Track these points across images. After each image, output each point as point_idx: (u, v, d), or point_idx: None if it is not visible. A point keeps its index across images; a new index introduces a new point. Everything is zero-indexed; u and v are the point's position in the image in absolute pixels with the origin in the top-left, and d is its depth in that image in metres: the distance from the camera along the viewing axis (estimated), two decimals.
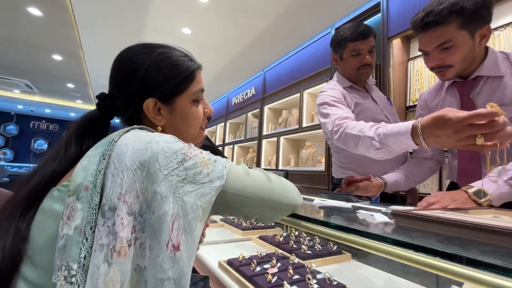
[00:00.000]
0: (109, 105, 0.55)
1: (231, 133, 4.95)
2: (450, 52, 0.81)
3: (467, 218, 0.45)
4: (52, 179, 0.45)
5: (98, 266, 0.35)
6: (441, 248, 0.36)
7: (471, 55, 0.82)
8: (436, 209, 0.61)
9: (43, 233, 0.40)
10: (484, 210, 0.62)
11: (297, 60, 3.31)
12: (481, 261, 0.32)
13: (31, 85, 5.81)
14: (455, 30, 0.78)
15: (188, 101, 0.58)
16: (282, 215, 0.55)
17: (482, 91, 0.85)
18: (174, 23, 2.92)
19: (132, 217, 0.38)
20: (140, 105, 0.54)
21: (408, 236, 0.43)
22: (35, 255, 0.38)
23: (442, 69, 0.85)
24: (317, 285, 0.82)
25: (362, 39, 1.08)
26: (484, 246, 0.38)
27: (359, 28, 1.10)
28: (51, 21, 3.12)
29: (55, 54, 4.09)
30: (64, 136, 0.51)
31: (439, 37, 0.80)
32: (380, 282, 0.94)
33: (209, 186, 0.43)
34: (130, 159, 0.40)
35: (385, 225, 0.53)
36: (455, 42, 0.79)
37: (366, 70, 1.12)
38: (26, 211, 0.42)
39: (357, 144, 0.85)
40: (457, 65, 0.83)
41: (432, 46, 0.82)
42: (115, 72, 0.56)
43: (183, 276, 0.38)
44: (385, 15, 2.20)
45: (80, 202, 0.38)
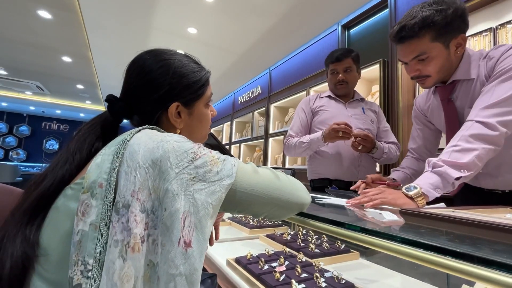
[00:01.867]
0: (123, 108, 0.56)
1: (237, 131, 4.95)
2: (426, 63, 0.84)
3: (477, 217, 0.45)
4: (63, 182, 0.45)
5: (114, 261, 0.36)
6: (451, 246, 0.35)
7: (447, 64, 0.85)
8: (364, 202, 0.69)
9: (57, 230, 0.40)
10: (499, 209, 0.61)
11: (303, 58, 3.29)
12: (493, 260, 0.31)
13: (42, 86, 5.94)
14: (428, 43, 0.81)
15: (203, 105, 0.62)
16: (291, 213, 0.55)
17: (460, 94, 0.89)
18: (180, 23, 2.94)
19: (144, 214, 0.39)
20: (164, 109, 0.56)
21: (417, 234, 0.42)
22: (50, 254, 0.39)
23: (421, 78, 0.88)
24: (325, 283, 0.82)
25: (337, 61, 1.42)
26: (496, 245, 0.37)
27: (336, 52, 1.45)
28: (60, 24, 3.18)
29: (65, 56, 4.17)
30: (74, 139, 0.51)
31: (414, 50, 0.83)
32: (389, 281, 0.94)
33: (219, 184, 0.44)
34: (143, 158, 0.41)
35: (393, 224, 0.53)
36: (430, 54, 0.82)
37: (340, 86, 1.45)
38: (34, 216, 0.42)
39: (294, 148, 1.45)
40: (434, 75, 0.86)
41: (409, 58, 0.86)
42: (136, 78, 0.56)
43: (194, 272, 0.39)
44: (392, 11, 2.16)
45: (94, 199, 0.39)
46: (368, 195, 0.72)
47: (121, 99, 0.57)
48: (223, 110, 5.73)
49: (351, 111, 1.46)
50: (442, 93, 0.94)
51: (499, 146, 0.73)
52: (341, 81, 1.43)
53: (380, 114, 1.54)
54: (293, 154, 1.52)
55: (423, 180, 0.71)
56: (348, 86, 1.45)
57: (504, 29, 1.53)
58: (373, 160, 1.48)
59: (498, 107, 0.72)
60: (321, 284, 0.81)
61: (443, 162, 0.71)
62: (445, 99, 0.93)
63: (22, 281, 0.39)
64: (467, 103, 0.87)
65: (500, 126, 0.71)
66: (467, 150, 0.71)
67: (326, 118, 1.44)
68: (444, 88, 0.92)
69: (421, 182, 0.70)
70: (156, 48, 0.60)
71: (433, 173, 0.71)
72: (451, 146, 0.73)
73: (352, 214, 0.67)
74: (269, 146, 3.76)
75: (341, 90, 1.46)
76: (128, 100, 0.56)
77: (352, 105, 1.49)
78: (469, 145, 0.71)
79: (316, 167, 1.50)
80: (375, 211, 0.64)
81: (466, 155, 0.70)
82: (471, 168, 0.70)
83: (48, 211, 0.43)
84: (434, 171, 0.71)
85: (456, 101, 0.90)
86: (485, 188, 0.93)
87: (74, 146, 0.50)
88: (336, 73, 1.44)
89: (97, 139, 0.52)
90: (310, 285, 0.82)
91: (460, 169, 0.69)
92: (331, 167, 1.43)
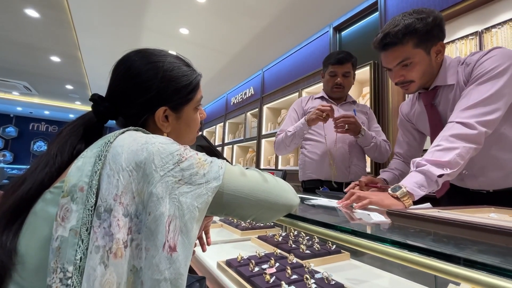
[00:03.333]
0: (108, 109, 0.54)
1: (230, 133, 4.94)
2: (410, 69, 0.87)
3: (462, 217, 0.45)
4: (42, 186, 0.43)
5: (95, 268, 0.35)
6: (436, 248, 0.35)
7: (429, 70, 0.89)
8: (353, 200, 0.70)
9: (35, 236, 0.39)
10: (483, 208, 0.62)
11: (295, 60, 3.31)
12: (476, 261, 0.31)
13: (29, 87, 5.80)
14: (411, 49, 0.85)
15: (192, 109, 0.60)
16: (279, 215, 0.55)
17: (442, 99, 0.93)
18: (172, 24, 2.91)
19: (128, 218, 0.38)
20: (151, 113, 0.54)
21: (403, 235, 0.42)
22: (27, 261, 0.38)
23: (405, 84, 0.91)
24: (315, 285, 0.82)
25: (339, 64, 1.40)
26: (479, 245, 0.38)
27: (338, 55, 1.42)
28: (48, 23, 3.12)
29: (53, 56, 4.09)
30: (55, 141, 0.49)
31: (397, 56, 0.87)
32: (379, 281, 0.94)
33: (205, 186, 0.43)
34: (126, 160, 0.40)
35: (381, 225, 0.53)
36: (413, 59, 0.86)
37: (337, 89, 1.45)
38: (11, 222, 0.40)
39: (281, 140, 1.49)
40: (418, 80, 0.89)
41: (393, 64, 0.89)
42: (123, 79, 0.54)
43: (179, 277, 0.38)
44: (382, 14, 2.19)
45: (75, 203, 0.37)
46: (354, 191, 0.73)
47: (106, 99, 0.55)
48: (215, 111, 5.71)
49: (343, 112, 1.46)
50: (425, 99, 0.97)
51: (480, 144, 0.75)
52: (338, 85, 1.43)
53: (371, 115, 1.56)
54: (282, 149, 1.49)
55: (408, 179, 0.73)
56: (344, 91, 1.46)
57: (489, 33, 1.57)
58: (364, 160, 1.49)
59: (476, 108, 0.76)
60: (311, 286, 0.81)
61: (426, 161, 0.73)
62: (428, 104, 0.96)
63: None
64: (449, 107, 0.90)
65: (479, 125, 0.74)
66: (448, 149, 0.73)
67: None
68: (427, 93, 0.96)
69: (406, 181, 0.72)
70: (146, 48, 0.58)
71: (417, 172, 0.73)
72: (434, 146, 0.76)
73: (341, 216, 0.67)
74: (262, 147, 3.76)
75: (336, 94, 1.48)
76: (113, 101, 0.54)
77: (344, 107, 1.51)
78: (450, 145, 0.74)
79: (307, 168, 1.51)
80: (364, 212, 0.64)
81: (448, 154, 0.72)
82: (453, 166, 0.72)
83: (26, 216, 0.41)
84: (418, 170, 0.73)
85: (439, 106, 0.94)
86: (470, 188, 0.96)
87: (55, 148, 0.47)
88: (334, 76, 1.43)
89: (80, 140, 0.50)
90: (300, 286, 0.82)
91: (443, 167, 0.71)
92: (322, 168, 1.44)
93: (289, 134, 1.42)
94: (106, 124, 0.56)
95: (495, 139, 0.83)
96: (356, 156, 1.45)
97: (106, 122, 0.56)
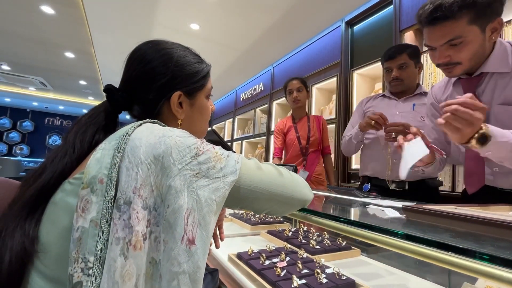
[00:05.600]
0: (124, 98, 0.55)
1: (239, 128, 4.95)
2: (459, 49, 0.75)
3: (481, 214, 0.44)
4: (63, 176, 0.44)
5: (115, 259, 0.35)
6: (454, 243, 0.35)
7: (481, 51, 0.76)
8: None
9: (56, 225, 0.40)
10: (502, 206, 0.60)
11: (306, 55, 3.27)
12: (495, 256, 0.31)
13: (45, 82, 5.97)
14: (465, 26, 0.72)
15: (204, 97, 0.61)
16: (293, 209, 0.55)
17: (487, 88, 0.80)
18: (183, 19, 2.93)
19: (146, 211, 0.39)
20: (166, 97, 0.55)
21: (420, 230, 0.42)
22: (48, 249, 0.39)
23: (450, 66, 0.79)
24: (326, 279, 0.82)
25: (391, 59, 1.37)
26: (498, 242, 0.37)
27: (390, 50, 1.39)
28: (63, 19, 3.18)
29: (68, 52, 4.18)
30: (72, 130, 0.50)
31: (448, 33, 0.74)
32: (390, 278, 0.94)
33: (222, 180, 0.43)
34: (144, 153, 0.40)
35: (396, 220, 0.53)
36: (465, 38, 0.73)
37: (395, 83, 1.40)
38: (33, 211, 0.42)
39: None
40: (466, 62, 0.78)
41: (440, 43, 0.77)
42: (139, 66, 0.55)
43: (197, 270, 0.39)
44: (397, 8, 2.14)
45: (94, 195, 0.38)
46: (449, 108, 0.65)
47: (120, 89, 0.56)
48: (225, 107, 5.73)
49: (401, 108, 1.40)
50: (467, 86, 0.84)
51: None
52: (395, 79, 1.38)
53: None
54: (349, 152, 1.57)
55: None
56: (404, 83, 1.38)
57: (511, 26, 1.51)
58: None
59: None
60: (322, 280, 0.81)
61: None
62: (471, 92, 0.85)
63: (21, 277, 0.38)
64: (496, 99, 0.79)
65: None
66: None
67: None
68: (470, 80, 0.83)
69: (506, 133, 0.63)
70: (157, 39, 0.59)
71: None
72: None
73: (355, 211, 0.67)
74: (271, 143, 3.75)
75: (396, 88, 1.41)
76: (128, 90, 0.55)
77: (405, 102, 1.42)
78: None
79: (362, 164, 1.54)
80: (378, 208, 0.64)
81: None
82: None
83: (46, 205, 0.42)
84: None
85: (482, 96, 0.81)
86: (498, 187, 0.88)
87: (73, 137, 0.48)
88: (390, 71, 1.40)
89: (98, 130, 0.51)
90: (311, 280, 0.82)
91: None
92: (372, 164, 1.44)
93: (347, 137, 1.48)
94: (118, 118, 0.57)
95: None
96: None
97: (121, 112, 0.56)
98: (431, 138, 1.03)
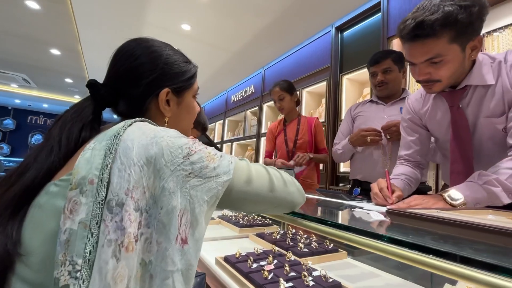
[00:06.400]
0: (109, 93, 0.53)
1: (229, 130, 4.94)
2: (439, 67, 0.74)
3: (461, 217, 0.46)
4: (49, 175, 0.43)
5: (107, 261, 0.35)
6: (435, 246, 0.36)
7: (461, 68, 0.76)
8: (403, 207, 0.63)
9: (40, 230, 0.38)
10: (481, 210, 0.62)
11: (296, 59, 3.30)
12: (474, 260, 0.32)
13: (28, 79, 5.76)
14: (446, 44, 0.71)
15: (191, 96, 0.62)
16: (283, 211, 0.56)
17: (472, 101, 0.81)
18: (174, 19, 2.90)
19: (138, 212, 0.38)
20: (154, 94, 0.54)
21: (403, 234, 0.43)
22: (31, 253, 0.37)
23: (430, 83, 0.79)
24: (313, 282, 0.82)
25: (376, 64, 1.41)
26: (478, 245, 0.39)
27: (375, 55, 1.43)
28: (49, 15, 3.09)
29: (53, 49, 4.06)
30: (57, 125, 0.48)
31: (428, 51, 0.72)
32: (375, 280, 0.95)
33: (215, 180, 0.43)
34: (137, 155, 0.40)
35: (380, 223, 0.54)
36: (445, 57, 0.72)
37: (380, 87, 1.43)
38: (16, 211, 0.40)
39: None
40: (445, 80, 0.77)
41: (420, 60, 0.75)
42: (127, 60, 0.54)
43: (190, 268, 0.40)
44: (385, 15, 2.20)
45: (84, 196, 0.37)
46: (406, 201, 0.68)
47: (105, 84, 0.54)
48: (215, 108, 5.70)
49: (388, 112, 1.43)
50: (451, 99, 0.84)
51: None
52: (380, 83, 1.41)
53: None
54: (341, 161, 1.66)
55: (470, 192, 0.66)
56: (389, 87, 1.41)
57: (491, 37, 1.58)
58: None
59: None
60: (309, 283, 0.82)
61: (499, 183, 0.66)
62: (454, 105, 0.83)
63: (3, 281, 0.36)
64: (481, 112, 0.79)
65: None
66: None
67: (360, 123, 1.49)
68: (454, 93, 0.83)
69: (467, 193, 0.66)
70: (145, 37, 0.59)
71: (483, 189, 0.67)
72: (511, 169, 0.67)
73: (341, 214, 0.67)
74: (261, 145, 3.76)
75: (381, 92, 1.44)
76: (114, 85, 0.54)
77: (392, 106, 1.45)
78: None
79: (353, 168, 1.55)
80: (363, 211, 0.65)
81: None
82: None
83: (28, 207, 0.40)
84: (485, 187, 0.67)
85: (467, 108, 0.82)
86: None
87: (58, 133, 0.46)
88: (375, 75, 1.43)
89: (84, 126, 0.49)
90: (298, 283, 0.83)
91: (511, 195, 0.66)
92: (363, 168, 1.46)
93: (339, 152, 1.51)
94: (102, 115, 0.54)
95: None
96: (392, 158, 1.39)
97: (105, 108, 0.54)
98: (409, 151, 1.02)
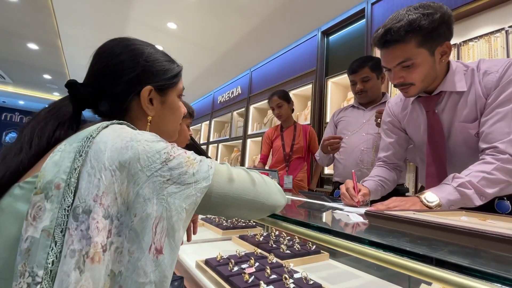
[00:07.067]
0: (89, 93, 0.50)
1: (216, 131, 4.90)
2: (411, 71, 0.80)
3: (436, 219, 0.47)
4: (16, 175, 0.40)
5: (68, 273, 0.32)
6: (410, 248, 0.36)
7: (432, 73, 0.81)
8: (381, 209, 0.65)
9: (0, 235, 0.35)
10: (455, 211, 0.64)
11: (283, 61, 3.33)
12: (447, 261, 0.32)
13: (3, 74, 5.48)
14: (413, 49, 0.77)
15: (176, 96, 0.59)
16: (264, 215, 0.55)
17: (447, 106, 0.85)
18: (159, 17, 2.85)
19: (108, 220, 0.36)
20: (135, 92, 0.52)
21: (380, 236, 0.43)
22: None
23: (405, 86, 0.84)
24: (294, 285, 0.82)
25: (354, 73, 1.45)
26: (451, 247, 0.39)
27: (353, 64, 1.46)
28: (27, 8, 2.95)
29: (31, 43, 3.88)
30: (29, 124, 0.45)
31: (398, 55, 0.79)
32: (355, 281, 0.96)
33: (194, 187, 0.41)
34: (109, 159, 0.37)
35: (359, 225, 0.54)
36: (415, 60, 0.78)
37: (360, 95, 1.48)
38: None
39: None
40: (418, 83, 0.82)
41: (393, 64, 0.81)
42: (108, 57, 0.52)
43: (164, 280, 0.38)
44: (369, 21, 2.25)
45: (49, 201, 0.34)
46: (385, 203, 0.70)
47: (85, 83, 0.52)
48: (202, 109, 5.64)
49: (367, 116, 1.48)
50: (427, 104, 0.89)
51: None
52: (359, 91, 1.46)
53: None
54: (323, 165, 1.70)
55: (444, 194, 0.69)
56: (368, 94, 1.46)
57: (467, 46, 1.66)
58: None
59: None
60: (290, 285, 0.81)
61: (472, 186, 0.70)
62: (430, 110, 0.88)
63: None
64: (456, 117, 0.84)
65: None
66: (497, 182, 0.70)
67: (342, 128, 1.55)
68: (430, 98, 0.87)
69: (442, 195, 0.69)
70: (126, 36, 0.57)
71: (457, 191, 0.70)
72: (484, 172, 0.71)
73: (321, 216, 0.67)
74: (247, 147, 3.75)
75: (361, 99, 1.50)
76: (94, 84, 0.51)
77: (372, 110, 1.50)
78: (502, 177, 0.70)
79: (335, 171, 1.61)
80: (343, 213, 0.65)
81: (495, 187, 0.70)
82: (489, 198, 0.70)
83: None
84: (459, 189, 0.70)
85: (442, 114, 0.86)
86: None
87: (30, 131, 0.44)
88: (354, 84, 1.47)
89: (59, 126, 0.46)
90: (279, 286, 0.82)
91: (483, 198, 0.70)
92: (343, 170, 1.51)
93: (318, 159, 1.60)
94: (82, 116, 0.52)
95: None
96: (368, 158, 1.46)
97: (84, 109, 0.52)
98: (387, 153, 1.06)
